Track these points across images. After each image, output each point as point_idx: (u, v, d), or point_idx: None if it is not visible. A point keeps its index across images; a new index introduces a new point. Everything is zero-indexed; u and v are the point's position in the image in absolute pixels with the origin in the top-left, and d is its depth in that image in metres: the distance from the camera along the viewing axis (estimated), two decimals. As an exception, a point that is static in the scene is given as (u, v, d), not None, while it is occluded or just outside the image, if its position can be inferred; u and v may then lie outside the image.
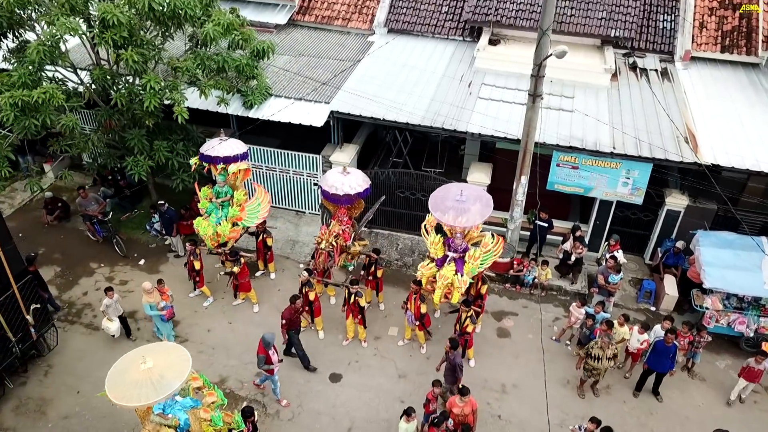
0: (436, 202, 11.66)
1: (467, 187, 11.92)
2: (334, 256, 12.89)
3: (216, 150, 13.11)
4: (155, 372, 8.79)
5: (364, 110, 14.70)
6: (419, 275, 11.96)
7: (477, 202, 11.55)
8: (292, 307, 11.88)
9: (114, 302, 12.66)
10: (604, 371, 11.78)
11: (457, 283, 11.48)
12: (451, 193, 11.63)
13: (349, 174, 12.54)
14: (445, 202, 11.56)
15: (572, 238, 14.19)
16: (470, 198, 11.54)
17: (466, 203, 11.40)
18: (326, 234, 12.72)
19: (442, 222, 11.52)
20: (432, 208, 11.62)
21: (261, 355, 11.20)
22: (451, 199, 11.51)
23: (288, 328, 12.04)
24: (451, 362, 11.19)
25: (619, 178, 13.92)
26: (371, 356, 13.04)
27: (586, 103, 15.08)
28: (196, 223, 13.34)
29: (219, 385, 12.31)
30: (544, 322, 13.97)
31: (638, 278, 15.14)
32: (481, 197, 11.70)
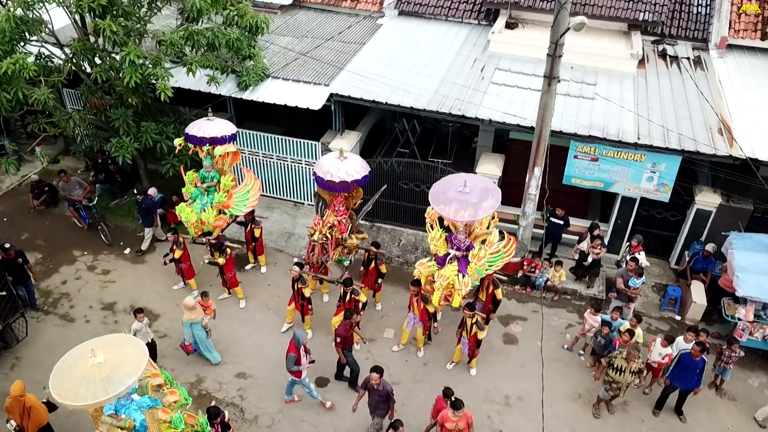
0: (437, 194, 10.47)
1: (472, 177, 10.71)
2: (328, 250, 11.77)
3: (202, 130, 12.10)
4: (105, 368, 7.76)
5: (366, 93, 13.60)
6: (417, 273, 10.78)
7: (483, 194, 10.32)
8: (346, 322, 10.55)
9: (144, 326, 11.08)
10: (625, 386, 10.38)
11: (458, 284, 10.28)
12: (454, 184, 10.43)
13: (346, 159, 11.40)
14: (447, 193, 10.36)
15: (589, 237, 12.88)
16: (475, 190, 10.32)
17: (470, 195, 10.19)
18: (319, 225, 11.60)
19: (443, 215, 10.31)
20: (432, 199, 10.43)
21: (291, 354, 10.11)
22: (454, 190, 10.31)
23: (343, 347, 10.81)
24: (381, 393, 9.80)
25: (644, 172, 12.59)
26: (363, 360, 11.86)
27: (609, 91, 13.77)
28: (179, 209, 12.35)
29: (196, 385, 11.35)
30: (555, 328, 12.72)
31: (662, 284, 13.77)
32: (488, 189, 10.48)
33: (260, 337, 12.30)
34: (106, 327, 12.47)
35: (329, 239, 11.56)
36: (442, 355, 11.97)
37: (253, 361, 11.80)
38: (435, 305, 10.70)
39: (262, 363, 11.75)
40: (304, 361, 10.32)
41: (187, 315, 11.04)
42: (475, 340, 10.97)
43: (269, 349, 12.02)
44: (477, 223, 10.55)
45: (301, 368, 10.30)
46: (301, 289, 11.52)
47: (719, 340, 12.21)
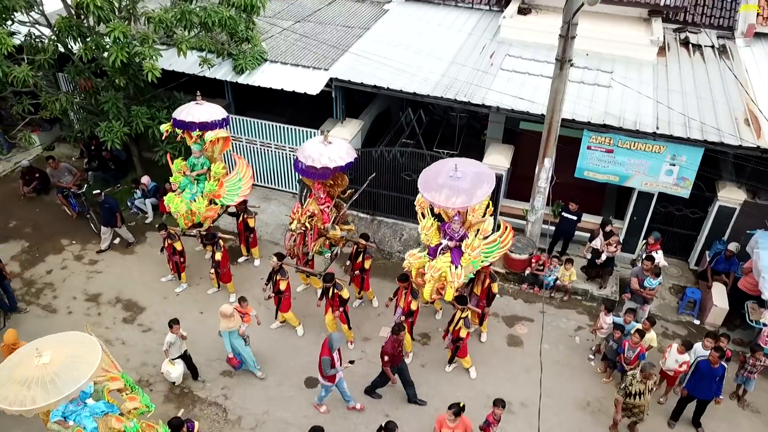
0: (427, 180, 9.65)
1: (464, 162, 9.87)
2: (308, 241, 11.01)
3: (191, 114, 11.43)
4: (51, 369, 7.00)
5: (367, 78, 12.86)
6: (406, 265, 9.98)
7: (476, 179, 9.46)
8: (395, 338, 9.49)
9: (178, 339, 10.18)
10: (647, 406, 9.38)
11: (450, 276, 9.49)
12: (445, 169, 9.60)
13: (331, 144, 10.61)
14: (437, 179, 9.53)
15: (602, 234, 12.02)
16: (467, 175, 9.47)
17: (461, 181, 9.35)
18: (298, 213, 10.81)
19: (434, 203, 9.50)
20: (422, 186, 9.62)
21: (326, 358, 9.28)
22: (445, 175, 9.47)
23: (390, 365, 9.76)
24: None
25: (663, 165, 11.70)
26: (357, 359, 11.12)
27: (626, 79, 12.89)
28: (167, 200, 11.68)
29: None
30: (564, 331, 11.88)
31: (681, 286, 12.86)
32: (481, 174, 9.64)
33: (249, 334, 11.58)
34: (89, 319, 11.85)
35: (309, 229, 10.80)
36: (441, 357, 11.19)
37: (239, 359, 11.11)
38: (426, 299, 9.93)
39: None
40: (339, 364, 9.53)
41: (224, 323, 9.98)
42: (457, 336, 10.16)
43: (257, 345, 11.28)
44: (470, 210, 9.75)
45: (336, 371, 9.52)
46: (279, 282, 10.80)
47: (742, 348, 11.29)
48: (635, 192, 12.51)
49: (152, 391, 10.53)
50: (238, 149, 14.92)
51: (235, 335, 10.17)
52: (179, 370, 10.36)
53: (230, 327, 10.02)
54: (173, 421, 8.42)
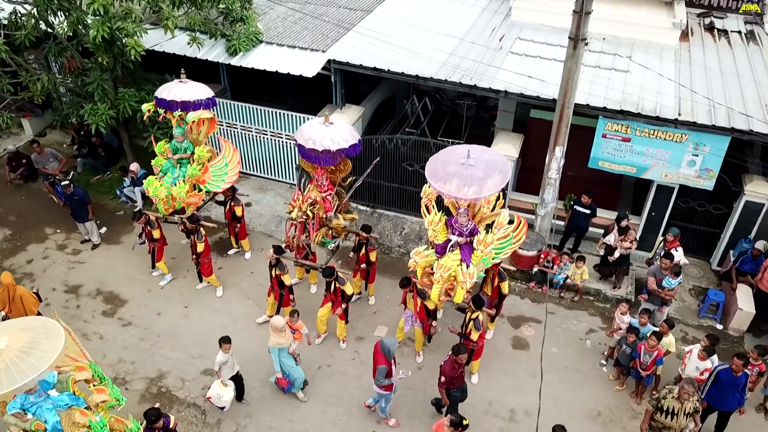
0: (436, 168, 8.79)
1: (477, 148, 9.00)
2: (310, 230, 10.23)
3: (173, 93, 10.70)
4: (6, 356, 6.32)
5: (366, 60, 12.06)
6: (412, 264, 9.11)
7: (489, 168, 8.61)
8: (455, 360, 8.43)
9: (230, 358, 9.05)
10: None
11: (461, 276, 8.62)
12: (456, 156, 8.75)
13: (332, 125, 9.79)
14: (447, 167, 8.67)
15: (617, 229, 11.10)
16: (480, 162, 8.62)
17: (474, 169, 8.49)
18: (299, 201, 10.00)
19: (443, 194, 8.64)
20: (430, 175, 8.75)
21: (382, 367, 8.43)
22: (455, 163, 8.62)
23: (447, 387, 8.67)
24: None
25: (685, 155, 10.77)
26: (348, 360, 10.38)
27: (646, 63, 11.96)
28: (146, 183, 10.96)
29: (156, 381, 9.97)
30: (574, 333, 10.99)
31: (702, 287, 11.90)
32: (495, 163, 8.79)
33: (234, 330, 10.83)
34: (67, 311, 11.17)
35: (310, 218, 10.00)
36: (440, 359, 10.28)
37: (223, 357, 10.36)
38: (434, 301, 9.08)
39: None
40: (395, 372, 8.68)
41: (275, 339, 8.88)
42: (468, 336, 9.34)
43: (243, 343, 10.55)
44: (485, 202, 8.89)
45: (392, 381, 8.66)
46: (279, 276, 10.05)
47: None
48: (654, 185, 11.58)
49: (128, 389, 9.81)
50: (232, 137, 14.21)
51: (284, 353, 9.03)
52: (231, 393, 9.15)
53: (280, 344, 8.88)
54: (150, 411, 7.69)
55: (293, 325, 9.28)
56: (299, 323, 9.43)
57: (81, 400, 7.08)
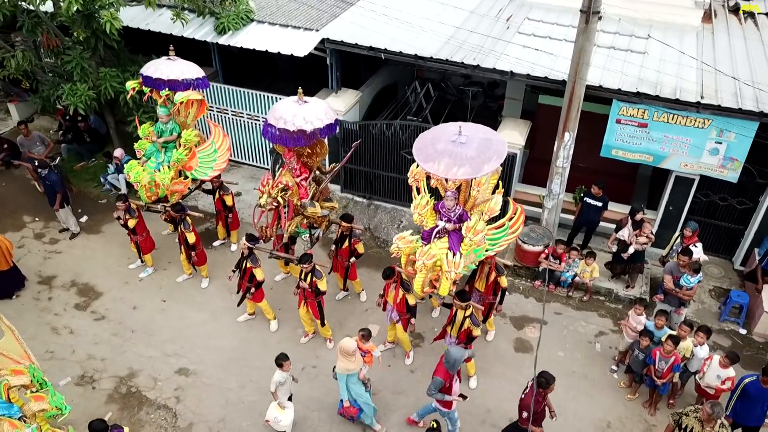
0: (424, 146, 7.90)
1: (470, 126, 8.11)
2: (281, 219, 9.39)
3: (159, 70, 9.92)
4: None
5: (362, 39, 11.22)
6: (394, 250, 8.24)
7: (483, 146, 7.69)
8: (540, 392, 7.24)
9: (289, 378, 8.13)
10: None
11: (446, 265, 7.76)
12: (447, 134, 7.87)
13: (306, 104, 8.93)
14: (436, 145, 7.78)
15: (631, 223, 10.18)
16: (473, 140, 7.71)
17: (466, 147, 7.60)
18: (268, 186, 9.13)
19: (431, 174, 7.78)
20: (417, 154, 7.86)
21: (438, 378, 7.45)
22: (446, 140, 7.74)
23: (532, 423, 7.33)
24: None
25: (707, 143, 9.84)
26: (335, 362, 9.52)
27: (665, 45, 11.03)
28: (128, 168, 10.20)
29: (127, 380, 9.20)
30: (583, 336, 10.09)
31: (723, 288, 10.94)
32: (490, 141, 7.90)
33: (215, 327, 10.09)
34: (38, 304, 10.49)
35: (282, 205, 9.14)
36: (434, 361, 9.33)
37: (199, 355, 9.59)
38: (417, 291, 8.23)
39: (210, 358, 9.53)
40: (456, 388, 7.66)
41: (343, 364, 7.80)
42: (467, 337, 8.48)
43: (222, 340, 9.82)
44: (475, 184, 7.99)
45: (450, 399, 7.61)
46: (251, 270, 9.25)
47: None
48: (672, 176, 10.66)
49: (95, 389, 9.07)
50: (222, 123, 13.45)
51: (354, 379, 8.00)
52: (290, 416, 8.20)
53: (350, 369, 7.84)
54: (94, 424, 6.90)
55: (363, 346, 8.08)
56: (370, 344, 8.17)
57: (15, 409, 6.31)
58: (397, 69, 14.74)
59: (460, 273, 8.18)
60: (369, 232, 12.31)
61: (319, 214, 9.61)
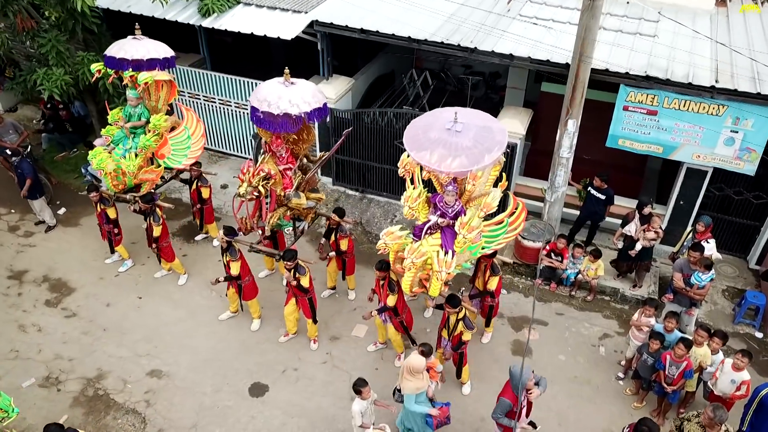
0: (416, 134, 7.16)
1: (467, 112, 7.38)
2: (263, 210, 8.73)
3: (123, 50, 9.29)
4: None
5: (352, 21, 10.57)
6: (381, 246, 7.55)
7: (482, 135, 6.98)
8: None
9: (369, 405, 7.22)
10: None
11: (437, 264, 7.07)
12: (441, 121, 7.16)
13: (293, 85, 8.26)
14: (429, 133, 7.06)
15: (638, 218, 9.48)
16: (470, 128, 6.99)
17: (462, 137, 6.88)
18: (248, 174, 8.45)
19: (424, 165, 7.05)
20: (408, 142, 7.12)
21: (505, 400, 6.82)
22: (440, 128, 7.02)
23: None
24: None
25: (722, 131, 9.12)
26: (319, 364, 8.90)
27: (676, 29, 10.33)
28: (92, 154, 9.57)
29: (94, 382, 8.59)
30: (586, 339, 9.40)
31: (738, 288, 10.23)
32: (490, 129, 7.18)
33: (192, 325, 9.46)
34: (6, 300, 9.88)
35: (263, 194, 8.47)
36: (425, 365, 8.82)
37: (174, 356, 8.96)
38: (406, 292, 7.55)
39: (184, 358, 8.90)
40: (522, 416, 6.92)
41: (411, 384, 6.91)
42: (458, 341, 7.81)
43: (199, 340, 9.19)
44: (471, 177, 7.28)
45: (515, 426, 6.68)
46: (230, 264, 8.62)
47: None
48: (683, 168, 9.96)
49: (60, 391, 8.45)
50: (209, 111, 12.85)
51: (422, 397, 7.12)
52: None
53: (420, 388, 6.98)
54: (51, 428, 6.32)
55: (428, 363, 7.24)
56: (432, 360, 7.34)
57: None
58: (395, 57, 14.10)
59: (453, 273, 7.55)
60: (361, 226, 11.66)
61: (305, 205, 8.93)
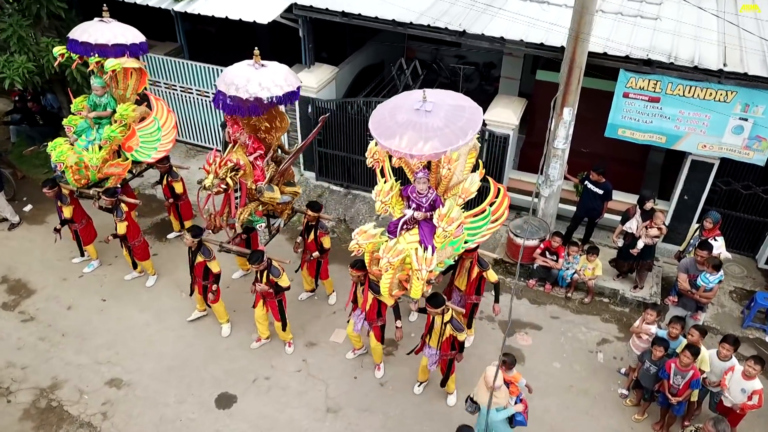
0: (382, 119, 6.35)
1: (437, 91, 6.62)
2: (231, 205, 8.04)
3: (87, 33, 8.61)
4: None
5: (333, 3, 9.88)
6: (353, 247, 6.80)
7: (454, 114, 6.18)
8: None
9: None
10: None
11: (416, 263, 6.37)
12: (410, 101, 6.38)
13: (264, 68, 7.55)
14: (396, 115, 6.25)
15: (639, 213, 8.78)
16: (441, 107, 6.18)
17: (432, 116, 6.09)
18: (214, 165, 7.69)
19: (393, 151, 6.23)
20: (374, 128, 6.32)
21: None
22: (408, 109, 6.24)
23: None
24: None
25: (729, 119, 8.42)
26: (293, 372, 8.21)
27: (680, 11, 9.65)
28: (52, 146, 8.91)
29: (48, 392, 7.90)
30: (583, 344, 8.70)
31: (746, 290, 9.53)
32: (462, 108, 6.35)
33: (158, 330, 8.78)
34: (-40, 303, 9.20)
35: (231, 187, 7.76)
36: (409, 373, 8.16)
37: (137, 363, 8.27)
38: (385, 296, 6.85)
39: (148, 366, 8.22)
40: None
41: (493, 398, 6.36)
42: (450, 347, 7.13)
43: (164, 346, 8.50)
44: (444, 161, 6.53)
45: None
46: (204, 264, 7.95)
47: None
48: (687, 160, 9.27)
49: (10, 402, 7.77)
50: (187, 103, 12.19)
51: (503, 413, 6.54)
52: None
53: (497, 403, 6.46)
54: None
55: (507, 376, 6.74)
56: (515, 373, 6.82)
57: None
58: (385, 47, 13.44)
59: (436, 271, 6.87)
60: (344, 224, 10.98)
61: (279, 200, 8.21)
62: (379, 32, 12.62)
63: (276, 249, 10.00)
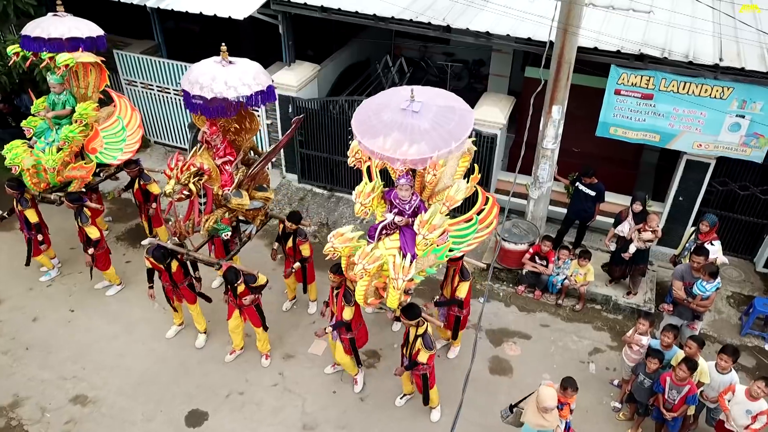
0: (366, 118, 6.03)
1: (425, 89, 6.30)
2: (195, 212, 7.56)
3: (41, 28, 8.15)
4: None
5: None
6: (328, 250, 6.40)
7: (442, 116, 5.83)
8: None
9: None
10: None
11: (393, 271, 5.95)
12: (397, 99, 6.06)
13: (232, 65, 7.11)
14: (381, 114, 5.94)
15: (632, 216, 8.37)
16: (429, 109, 5.85)
17: (419, 117, 5.76)
18: (176, 169, 7.14)
19: (375, 154, 5.90)
20: (357, 126, 6.03)
21: None
22: (394, 109, 5.92)
23: None
24: None
25: (726, 117, 8.02)
26: (269, 386, 7.77)
27: (674, 2, 9.25)
28: (7, 148, 8.43)
29: (8, 411, 7.46)
30: (574, 354, 8.29)
31: (744, 295, 9.14)
32: (452, 107, 6.02)
33: (127, 342, 8.33)
34: None
35: (195, 194, 7.29)
36: (390, 386, 7.73)
37: (103, 378, 7.82)
38: (361, 303, 6.42)
39: (115, 381, 7.77)
40: None
41: (537, 420, 6.08)
42: (410, 362, 6.75)
43: (133, 359, 8.05)
44: (431, 167, 6.12)
45: None
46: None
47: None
48: (682, 160, 8.88)
49: (-33, 421, 7.32)
50: (164, 103, 11.75)
51: None
52: None
53: (544, 426, 6.11)
54: None
55: (565, 398, 6.28)
56: (572, 397, 6.34)
57: None
58: (371, 44, 13.01)
59: (416, 280, 6.48)
60: (327, 228, 10.55)
61: (248, 206, 7.76)
62: (364, 29, 12.21)
63: (255, 256, 9.60)
